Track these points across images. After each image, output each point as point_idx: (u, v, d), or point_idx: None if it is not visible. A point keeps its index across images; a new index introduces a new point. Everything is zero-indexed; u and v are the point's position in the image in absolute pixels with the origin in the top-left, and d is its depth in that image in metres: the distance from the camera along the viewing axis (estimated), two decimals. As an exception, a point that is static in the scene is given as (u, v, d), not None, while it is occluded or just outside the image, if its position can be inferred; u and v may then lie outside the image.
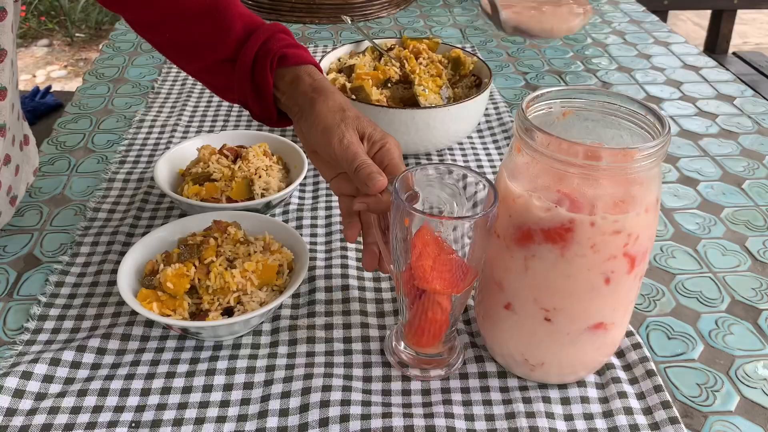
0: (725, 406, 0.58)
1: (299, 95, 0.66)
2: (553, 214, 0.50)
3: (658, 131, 0.51)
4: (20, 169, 0.77)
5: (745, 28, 3.91)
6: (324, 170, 0.66)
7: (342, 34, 1.32)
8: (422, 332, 0.57)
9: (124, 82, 1.12)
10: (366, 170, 0.59)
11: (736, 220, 0.82)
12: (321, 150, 0.64)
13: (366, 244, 0.64)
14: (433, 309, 0.55)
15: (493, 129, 0.99)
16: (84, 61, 3.53)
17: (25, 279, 0.70)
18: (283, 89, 0.68)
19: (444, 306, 0.55)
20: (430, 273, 0.53)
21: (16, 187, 0.76)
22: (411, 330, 0.58)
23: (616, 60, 1.24)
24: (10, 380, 0.57)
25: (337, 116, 0.63)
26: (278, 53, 0.67)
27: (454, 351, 0.60)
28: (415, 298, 0.55)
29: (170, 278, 0.61)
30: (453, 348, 0.60)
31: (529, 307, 0.54)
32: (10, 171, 0.74)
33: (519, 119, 0.51)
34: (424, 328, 0.57)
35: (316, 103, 0.64)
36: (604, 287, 0.52)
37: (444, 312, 0.55)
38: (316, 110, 0.63)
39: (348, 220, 0.64)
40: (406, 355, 0.60)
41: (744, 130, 1.01)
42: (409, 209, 0.51)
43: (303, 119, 0.65)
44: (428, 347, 0.59)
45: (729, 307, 0.69)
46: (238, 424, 0.55)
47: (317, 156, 0.66)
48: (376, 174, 0.58)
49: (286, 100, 0.68)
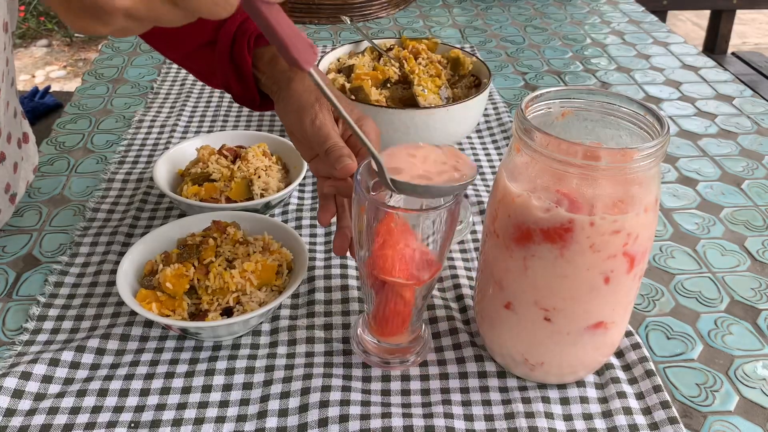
0: (724, 406, 0.58)
1: (277, 73, 0.66)
2: (553, 214, 0.50)
3: (657, 131, 0.51)
4: (18, 167, 0.77)
5: (744, 28, 3.91)
6: (303, 151, 0.65)
7: (341, 35, 1.32)
8: (385, 322, 0.57)
9: (123, 83, 1.12)
10: (336, 153, 0.58)
11: (735, 220, 0.82)
12: (295, 130, 0.63)
13: (339, 227, 0.63)
14: (395, 300, 0.55)
15: (492, 129, 0.99)
16: (83, 61, 3.53)
17: (24, 279, 0.70)
18: (262, 69, 0.68)
19: (407, 298, 0.55)
20: (391, 263, 0.52)
21: (14, 184, 0.76)
22: (374, 320, 0.58)
23: (615, 60, 1.24)
24: (9, 380, 0.57)
25: (312, 96, 0.62)
26: (256, 32, 0.67)
27: (420, 341, 0.60)
28: (379, 289, 0.55)
29: (169, 278, 0.61)
30: (418, 338, 0.60)
31: (529, 306, 0.54)
32: (7, 168, 0.73)
33: (518, 119, 0.51)
34: (387, 318, 0.57)
35: (292, 82, 0.64)
36: (603, 286, 0.52)
37: (407, 304, 0.55)
38: (291, 89, 0.63)
39: (323, 202, 0.63)
40: (371, 344, 0.60)
41: (743, 130, 1.01)
42: (365, 198, 0.50)
43: (280, 99, 0.65)
44: (391, 337, 0.59)
45: (728, 307, 0.69)
46: (237, 425, 0.55)
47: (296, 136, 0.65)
48: (345, 157, 0.57)
49: (266, 80, 0.67)
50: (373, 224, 0.51)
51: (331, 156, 0.58)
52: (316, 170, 0.64)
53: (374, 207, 0.51)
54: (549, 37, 1.34)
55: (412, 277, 0.53)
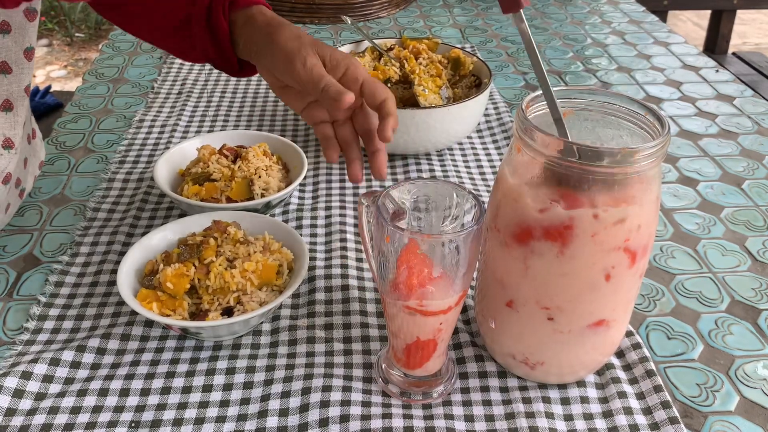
0: (725, 406, 0.58)
1: (255, 33, 0.68)
2: (553, 212, 0.50)
3: (658, 131, 0.51)
4: (28, 162, 0.77)
5: (745, 28, 3.91)
6: (294, 103, 0.70)
7: (342, 34, 1.32)
8: (411, 353, 0.56)
9: (123, 82, 1.13)
10: (334, 88, 0.62)
11: (735, 221, 0.82)
12: (287, 79, 0.66)
13: (350, 160, 0.68)
14: (420, 328, 0.54)
15: (492, 129, 0.99)
16: (84, 61, 3.53)
17: (25, 279, 0.70)
18: (239, 33, 0.70)
19: (432, 325, 0.54)
20: (415, 291, 0.51)
21: (24, 179, 0.76)
22: (400, 350, 0.57)
23: (615, 60, 1.24)
24: (9, 380, 0.57)
25: (296, 43, 0.65)
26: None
27: (446, 373, 0.59)
28: (404, 317, 0.54)
29: (170, 278, 0.61)
30: (445, 369, 0.58)
31: (530, 305, 0.54)
32: (18, 163, 0.74)
33: (519, 119, 0.51)
34: (412, 348, 0.55)
35: (273, 36, 0.66)
36: (604, 284, 0.52)
37: (433, 332, 0.54)
38: (275, 43, 0.66)
39: (326, 143, 0.68)
40: (396, 377, 0.58)
41: (744, 131, 1.01)
42: (392, 227, 0.50)
43: (264, 56, 0.68)
44: (418, 369, 0.57)
45: (729, 307, 0.69)
46: (237, 424, 0.55)
47: (285, 90, 0.70)
48: (343, 91, 0.62)
49: (244, 43, 0.70)
50: (396, 253, 0.51)
51: (329, 92, 0.62)
52: (310, 117, 0.69)
53: (396, 235, 0.50)
54: (549, 37, 1.34)
55: (438, 305, 0.52)
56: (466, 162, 0.92)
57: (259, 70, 0.71)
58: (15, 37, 0.61)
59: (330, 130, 0.68)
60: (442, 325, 0.54)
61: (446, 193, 0.55)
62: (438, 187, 0.55)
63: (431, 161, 0.91)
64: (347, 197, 0.83)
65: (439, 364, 0.58)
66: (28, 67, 0.66)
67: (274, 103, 1.06)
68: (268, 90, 1.10)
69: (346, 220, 0.79)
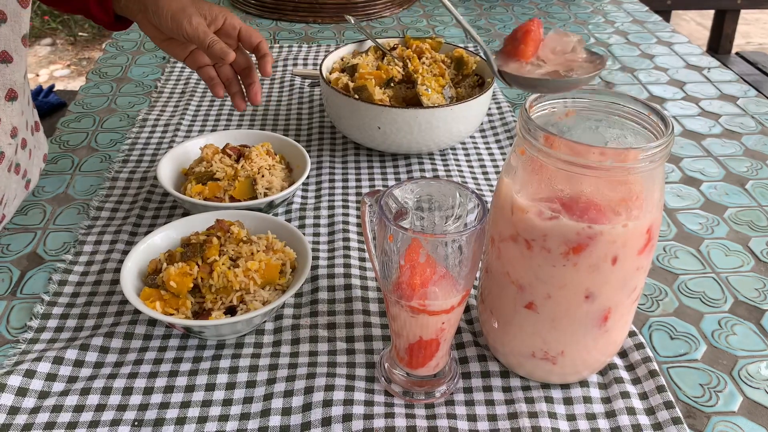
0: (728, 407, 0.58)
1: None
2: (557, 223, 0.50)
3: (662, 131, 0.50)
4: (33, 154, 0.78)
5: (749, 28, 3.90)
6: (177, 53, 0.81)
7: (345, 34, 1.32)
8: (414, 352, 0.56)
9: (127, 81, 1.13)
10: (218, 46, 0.73)
11: (739, 221, 0.81)
12: (174, 34, 0.76)
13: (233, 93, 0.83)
14: (423, 328, 0.54)
15: (495, 129, 0.99)
16: (87, 60, 3.53)
17: (29, 277, 0.71)
18: None
19: (435, 325, 0.54)
20: (418, 290, 0.51)
21: (30, 171, 0.76)
22: (403, 350, 0.57)
23: (619, 60, 1.24)
24: (13, 378, 0.57)
25: (181, 3, 0.74)
26: None
27: (449, 372, 0.59)
28: (407, 317, 0.54)
29: (173, 277, 0.61)
30: (447, 368, 0.58)
31: (547, 305, 0.53)
32: (25, 154, 0.74)
33: (522, 119, 0.51)
34: (414, 348, 0.55)
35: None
36: (609, 267, 0.51)
37: (436, 331, 0.54)
38: (160, 2, 0.74)
39: (212, 82, 0.82)
40: (399, 377, 0.58)
41: (747, 131, 1.01)
42: (395, 227, 0.50)
43: (150, 13, 0.75)
44: (421, 368, 0.57)
45: (732, 307, 0.69)
46: (240, 423, 0.55)
47: (168, 43, 0.80)
48: (227, 50, 0.74)
49: (125, 1, 0.76)
50: (399, 252, 0.51)
51: (215, 49, 0.73)
52: (194, 62, 0.81)
53: (399, 234, 0.50)
54: (553, 36, 1.34)
55: (440, 305, 0.52)
56: (469, 162, 0.92)
57: (141, 25, 0.78)
58: (12, 25, 0.61)
59: (213, 71, 0.82)
60: (444, 325, 0.54)
61: (449, 192, 0.55)
62: (441, 186, 0.55)
63: (434, 161, 0.91)
64: (350, 196, 0.83)
65: (441, 363, 0.58)
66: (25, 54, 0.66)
67: (277, 102, 1.06)
68: (271, 89, 1.10)
69: (348, 219, 0.79)
